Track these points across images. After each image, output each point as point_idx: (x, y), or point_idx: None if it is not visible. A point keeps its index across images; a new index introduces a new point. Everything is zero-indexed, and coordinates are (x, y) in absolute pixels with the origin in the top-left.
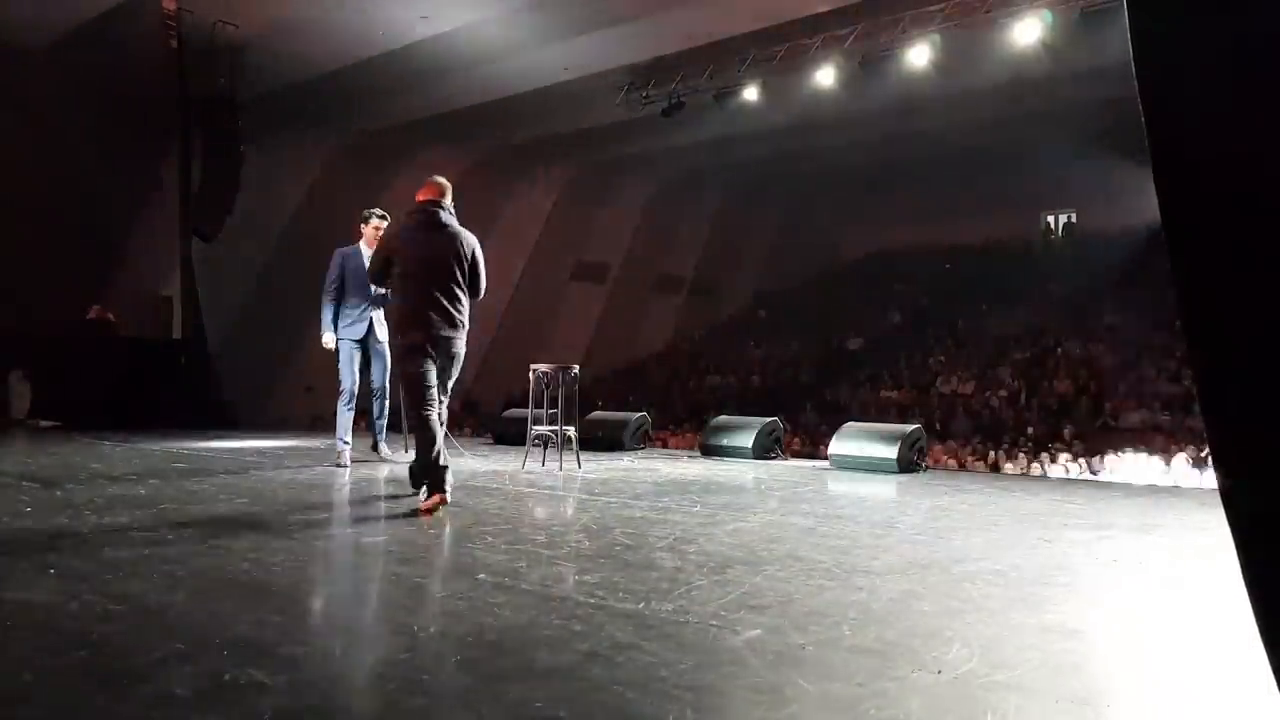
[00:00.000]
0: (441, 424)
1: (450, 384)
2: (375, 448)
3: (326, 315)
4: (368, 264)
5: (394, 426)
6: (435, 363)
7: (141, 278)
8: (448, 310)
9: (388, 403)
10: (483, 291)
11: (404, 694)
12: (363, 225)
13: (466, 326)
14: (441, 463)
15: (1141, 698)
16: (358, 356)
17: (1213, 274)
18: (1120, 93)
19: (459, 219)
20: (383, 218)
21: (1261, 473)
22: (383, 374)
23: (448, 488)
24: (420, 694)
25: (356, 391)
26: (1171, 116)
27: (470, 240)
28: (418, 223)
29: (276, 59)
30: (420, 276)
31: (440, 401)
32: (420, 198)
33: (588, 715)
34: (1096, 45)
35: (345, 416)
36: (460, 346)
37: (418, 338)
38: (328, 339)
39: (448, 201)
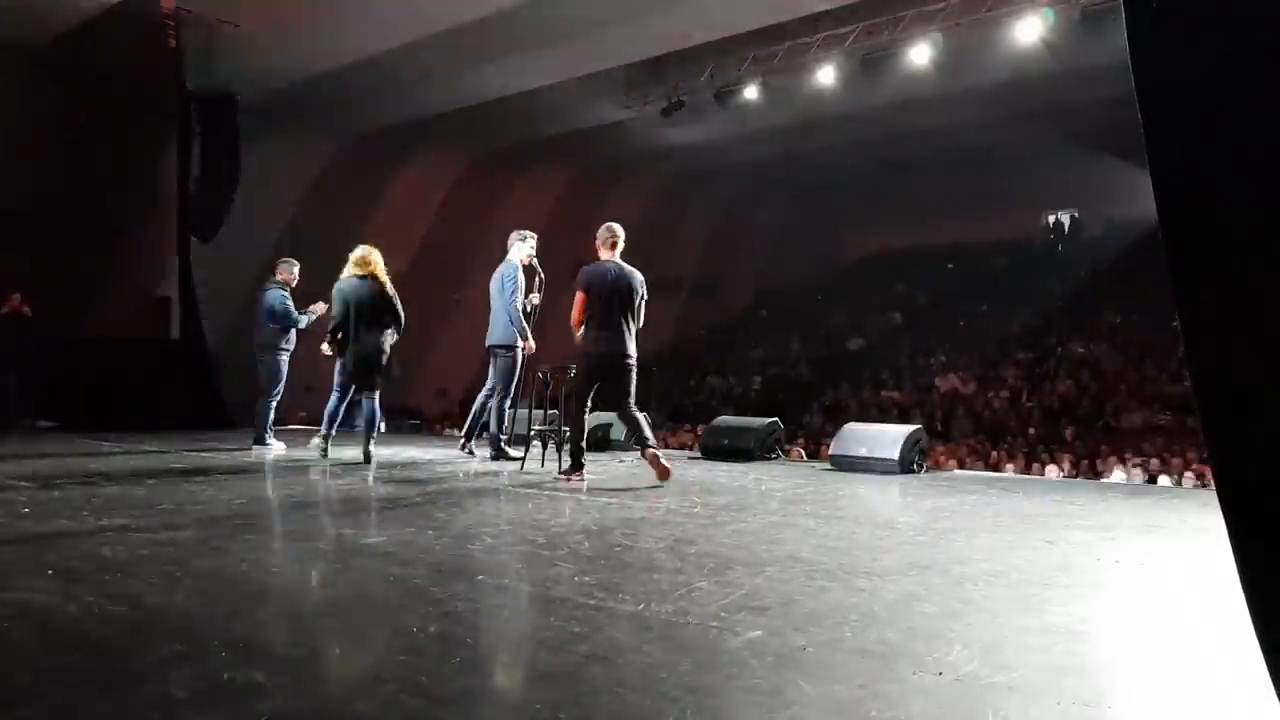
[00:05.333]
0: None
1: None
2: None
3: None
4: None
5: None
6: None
7: (140, 278)
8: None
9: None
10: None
11: (404, 694)
12: (520, 244)
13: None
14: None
15: (1144, 699)
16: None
17: (1209, 275)
18: (1121, 92)
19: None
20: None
21: (1259, 477)
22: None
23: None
24: (420, 694)
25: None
26: (1169, 121)
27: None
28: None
29: (276, 59)
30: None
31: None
32: None
33: (587, 717)
34: (1098, 44)
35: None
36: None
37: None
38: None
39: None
